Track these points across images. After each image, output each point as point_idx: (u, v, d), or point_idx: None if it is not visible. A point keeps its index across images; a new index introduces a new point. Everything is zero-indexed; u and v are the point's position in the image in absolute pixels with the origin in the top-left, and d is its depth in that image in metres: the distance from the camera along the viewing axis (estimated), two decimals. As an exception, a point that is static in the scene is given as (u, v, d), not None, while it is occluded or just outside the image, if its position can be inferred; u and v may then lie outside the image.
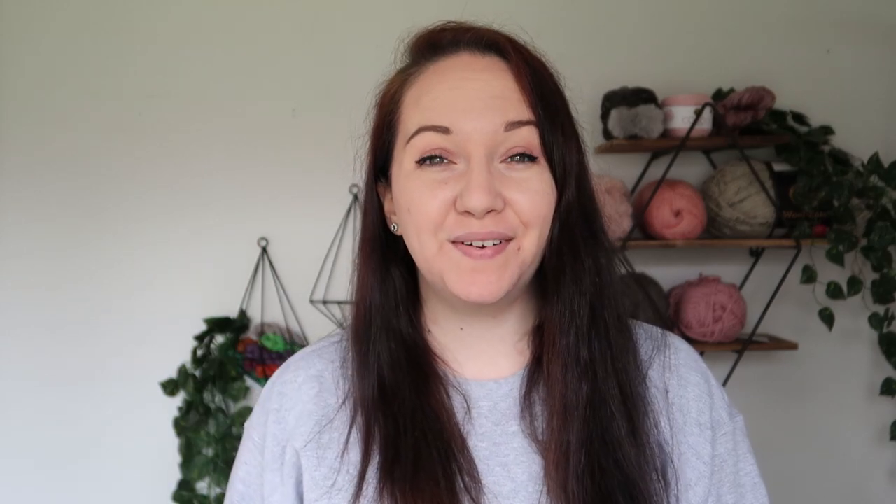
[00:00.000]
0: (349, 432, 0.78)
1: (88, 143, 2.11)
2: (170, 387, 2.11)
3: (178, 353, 2.12)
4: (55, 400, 2.13)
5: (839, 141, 2.03)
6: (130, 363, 2.13)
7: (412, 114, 0.76)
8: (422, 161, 0.74)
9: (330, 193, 2.09)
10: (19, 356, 2.13)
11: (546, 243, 0.75)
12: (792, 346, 2.00)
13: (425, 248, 0.74)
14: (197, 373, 2.09)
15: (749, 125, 1.96)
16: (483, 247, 0.72)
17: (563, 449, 0.72)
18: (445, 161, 0.73)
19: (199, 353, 2.10)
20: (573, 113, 0.78)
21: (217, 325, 2.11)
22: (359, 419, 0.78)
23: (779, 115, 2.01)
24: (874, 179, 1.91)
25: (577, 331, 0.75)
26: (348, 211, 2.11)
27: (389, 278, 0.82)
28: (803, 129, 2.03)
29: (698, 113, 1.88)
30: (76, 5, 2.11)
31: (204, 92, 2.11)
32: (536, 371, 0.78)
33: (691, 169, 2.11)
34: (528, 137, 0.72)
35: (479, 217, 0.70)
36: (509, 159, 0.73)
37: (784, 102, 2.01)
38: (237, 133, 2.10)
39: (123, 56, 2.11)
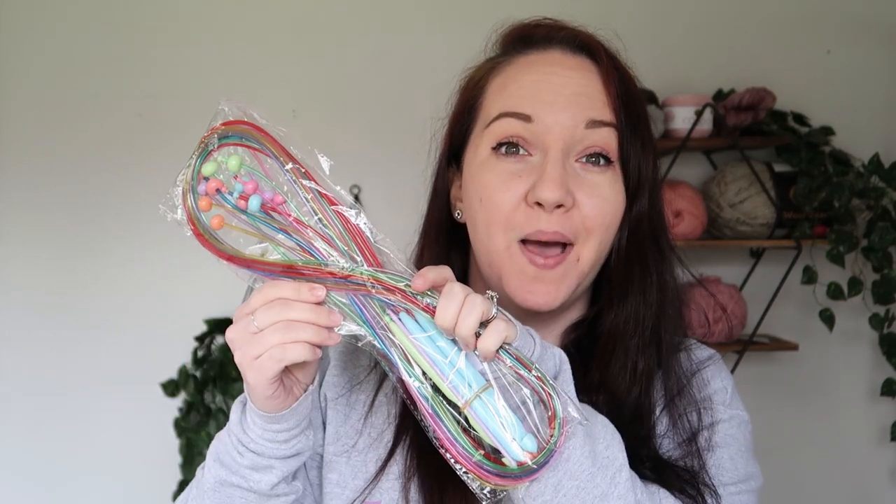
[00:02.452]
0: (374, 396, 0.80)
1: (89, 145, 2.11)
2: (170, 387, 2.11)
3: (178, 353, 2.12)
4: (56, 400, 2.13)
5: (840, 141, 2.02)
6: (131, 364, 2.12)
7: (495, 100, 0.76)
8: (498, 147, 0.74)
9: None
10: (20, 357, 2.13)
11: (613, 251, 0.76)
12: (792, 347, 2.00)
13: (492, 242, 0.74)
14: (197, 373, 2.09)
15: (749, 126, 1.96)
16: (546, 255, 0.73)
17: None
18: (522, 152, 0.74)
19: (200, 353, 2.10)
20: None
21: (217, 325, 2.11)
22: (386, 388, 0.79)
23: (779, 116, 2.01)
24: (875, 180, 1.91)
25: (637, 342, 0.76)
26: (349, 211, 2.10)
27: (451, 265, 0.82)
28: (804, 129, 2.03)
29: (699, 114, 1.88)
30: (77, 7, 2.10)
31: (204, 93, 2.11)
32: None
33: (692, 169, 2.11)
34: (607, 139, 0.73)
35: (549, 210, 0.71)
36: (584, 159, 0.73)
37: (784, 103, 2.01)
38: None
39: (124, 57, 2.11)
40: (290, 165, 0.63)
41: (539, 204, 0.71)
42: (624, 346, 0.76)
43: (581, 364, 0.76)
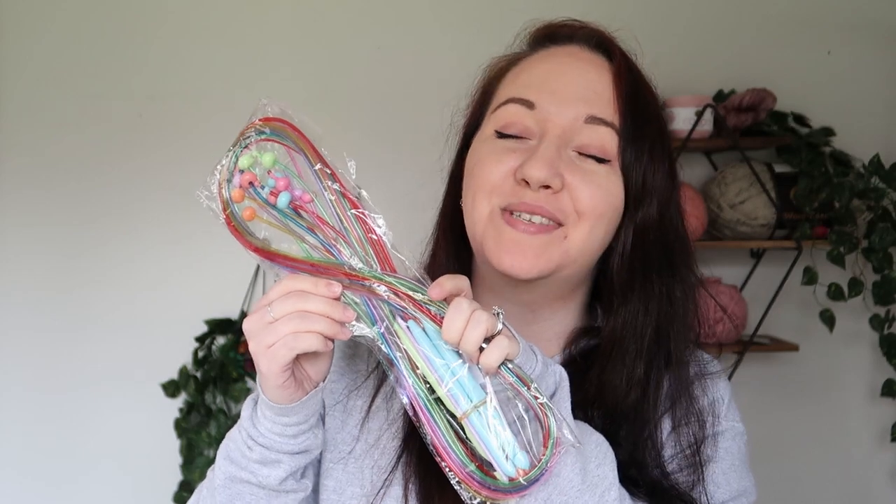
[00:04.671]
0: (371, 401, 0.80)
1: (90, 145, 2.11)
2: (171, 388, 2.11)
3: (179, 354, 2.12)
4: (56, 399, 2.13)
5: (840, 142, 2.02)
6: (131, 364, 2.13)
7: (508, 87, 0.78)
8: (501, 135, 0.75)
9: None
10: (20, 357, 2.13)
11: (616, 254, 0.76)
12: (793, 348, 2.00)
13: (476, 210, 0.75)
14: (198, 374, 2.09)
15: (750, 126, 1.96)
16: (530, 221, 0.72)
17: None
18: (522, 138, 0.75)
19: (201, 354, 2.10)
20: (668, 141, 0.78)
21: (218, 326, 2.11)
22: (383, 394, 0.80)
23: (780, 117, 2.01)
24: (875, 181, 1.91)
25: (636, 348, 0.76)
26: (349, 212, 2.10)
27: (462, 253, 0.82)
28: (804, 130, 2.03)
29: (699, 114, 1.88)
30: (77, 7, 2.11)
31: (205, 93, 2.11)
32: (573, 372, 0.77)
33: (692, 170, 2.11)
34: (605, 138, 0.73)
35: (535, 189, 0.71)
36: (582, 154, 0.74)
37: (785, 104, 2.01)
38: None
39: (125, 58, 2.11)
40: (317, 166, 0.66)
41: (526, 182, 0.72)
42: (621, 353, 0.76)
43: (587, 370, 0.77)
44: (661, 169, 0.76)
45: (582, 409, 0.74)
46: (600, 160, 0.74)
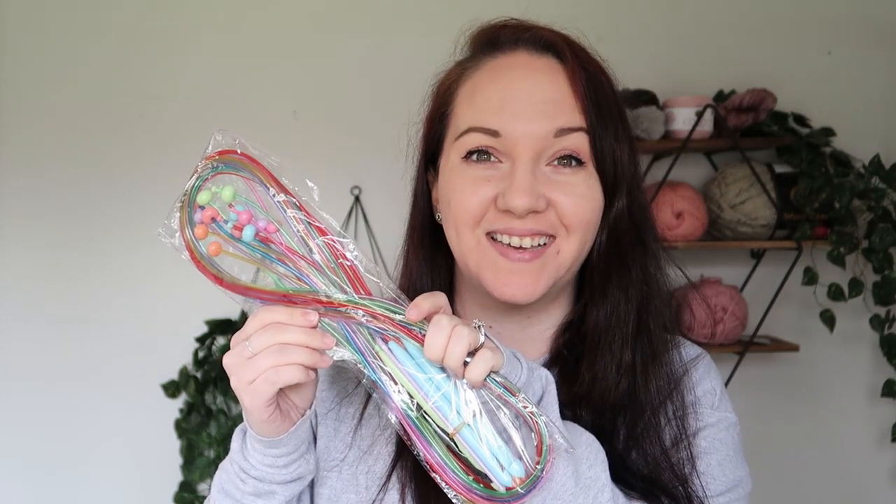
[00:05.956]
0: (364, 408, 0.79)
1: (91, 144, 2.11)
2: (171, 388, 2.11)
3: (179, 354, 2.12)
4: (55, 400, 2.13)
5: (840, 142, 2.02)
6: (131, 364, 2.13)
7: (465, 110, 0.76)
8: (468, 155, 0.74)
9: (331, 195, 2.09)
10: (19, 357, 2.13)
11: (594, 248, 0.76)
12: (793, 348, 2.00)
13: (462, 242, 0.75)
14: (198, 374, 2.09)
15: (750, 127, 1.96)
16: (521, 247, 0.72)
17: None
18: (492, 159, 0.74)
19: (201, 354, 2.10)
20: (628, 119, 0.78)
21: (218, 326, 2.11)
22: (375, 399, 0.80)
23: (780, 117, 2.01)
24: (875, 181, 1.91)
25: (622, 336, 0.76)
26: (349, 213, 2.11)
27: (437, 267, 0.83)
28: (804, 130, 2.03)
29: (699, 115, 1.88)
30: (78, 7, 2.11)
31: (205, 93, 2.11)
32: (561, 366, 0.78)
33: (692, 171, 2.11)
34: (578, 143, 0.73)
35: (521, 217, 0.71)
36: (556, 162, 0.73)
37: (785, 104, 2.01)
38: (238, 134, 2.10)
39: (125, 57, 2.11)
40: (281, 197, 0.65)
41: (510, 211, 0.71)
42: (608, 342, 0.76)
43: (574, 363, 0.77)
44: (626, 149, 0.76)
45: (570, 408, 0.74)
46: (577, 163, 0.73)
